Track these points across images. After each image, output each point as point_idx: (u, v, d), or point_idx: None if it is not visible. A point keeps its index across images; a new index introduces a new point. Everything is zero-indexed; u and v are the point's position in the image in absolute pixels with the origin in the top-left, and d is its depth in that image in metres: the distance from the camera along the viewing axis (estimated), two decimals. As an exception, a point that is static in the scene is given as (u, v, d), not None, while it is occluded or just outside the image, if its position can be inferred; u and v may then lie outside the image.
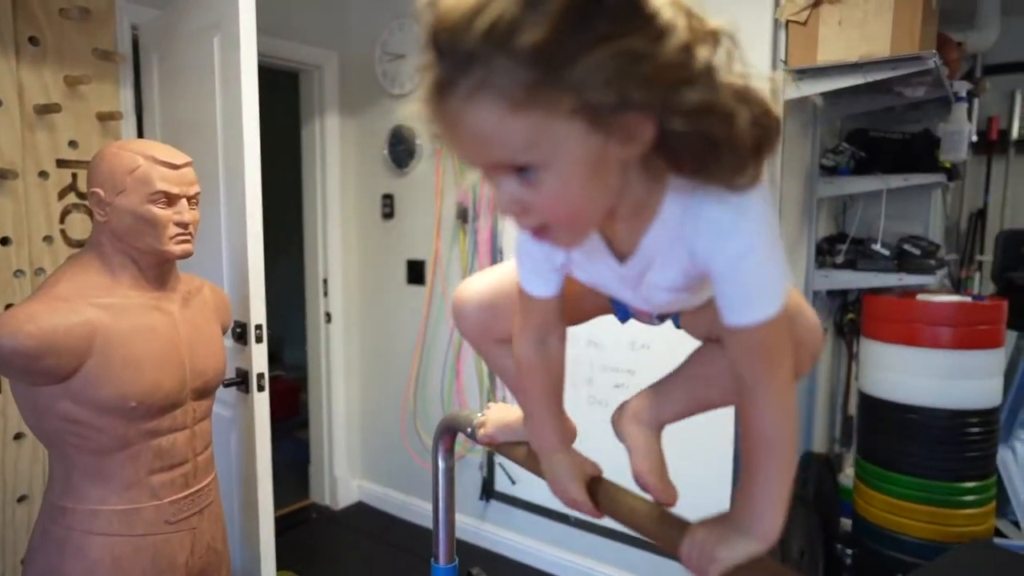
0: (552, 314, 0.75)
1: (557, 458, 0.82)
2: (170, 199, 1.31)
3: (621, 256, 0.65)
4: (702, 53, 0.51)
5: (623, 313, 0.84)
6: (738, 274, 0.58)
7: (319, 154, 3.11)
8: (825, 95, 2.24)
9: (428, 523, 2.58)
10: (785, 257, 0.61)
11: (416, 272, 2.98)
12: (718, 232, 0.57)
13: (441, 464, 1.14)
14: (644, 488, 0.80)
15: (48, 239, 2.15)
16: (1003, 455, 3.05)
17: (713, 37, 0.52)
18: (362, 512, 3.23)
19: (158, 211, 1.29)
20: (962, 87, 2.36)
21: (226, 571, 1.57)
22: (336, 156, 3.13)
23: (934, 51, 1.89)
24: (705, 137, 0.52)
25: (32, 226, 2.11)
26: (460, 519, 2.91)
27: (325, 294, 3.17)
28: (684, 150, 0.54)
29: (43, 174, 2.13)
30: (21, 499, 2.11)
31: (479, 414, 1.05)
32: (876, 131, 2.61)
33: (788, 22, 2.02)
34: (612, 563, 2.56)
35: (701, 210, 0.57)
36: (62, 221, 2.18)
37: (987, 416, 2.42)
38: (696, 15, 0.52)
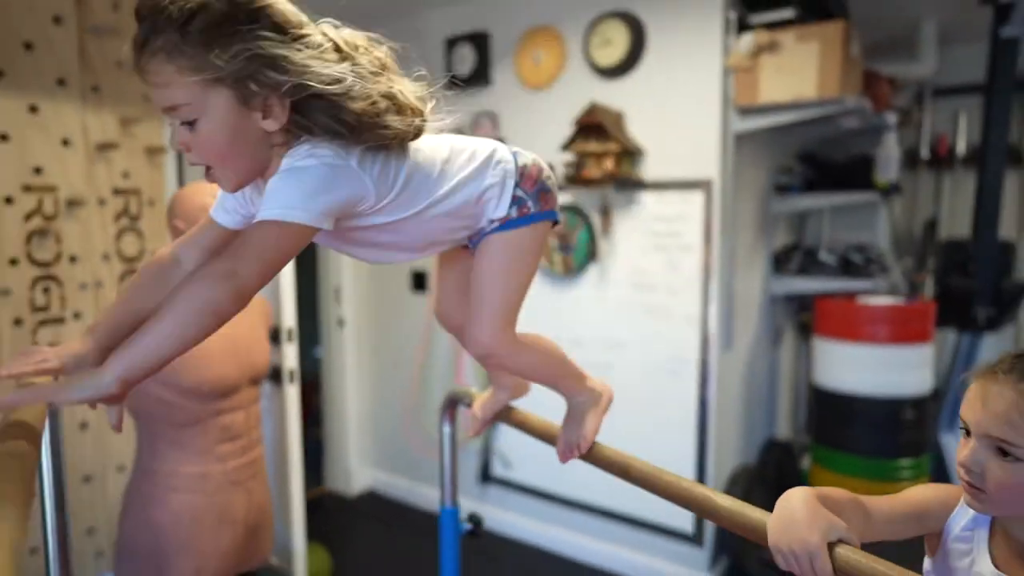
0: (216, 241, 0.97)
1: None
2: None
3: None
4: (335, 59, 0.80)
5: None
6: (268, 191, 0.80)
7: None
8: (778, 126, 2.62)
9: (432, 506, 2.92)
10: (307, 193, 0.78)
11: (419, 281, 3.34)
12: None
13: (446, 429, 1.50)
14: None
15: (106, 257, 2.51)
16: (946, 440, 3.41)
17: (358, 51, 0.84)
18: (373, 498, 3.58)
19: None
20: (892, 117, 2.73)
21: (271, 530, 1.93)
22: (347, 178, 3.49)
23: (857, 93, 2.25)
24: (328, 113, 0.79)
25: (93, 246, 2.47)
26: (460, 501, 3.26)
27: (338, 301, 3.54)
28: (314, 125, 0.80)
29: (102, 201, 2.49)
30: (86, 479, 2.47)
31: (474, 390, 1.40)
32: (823, 155, 2.98)
33: (735, 69, 2.39)
34: (599, 537, 2.90)
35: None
36: (117, 241, 2.54)
37: (919, 402, 2.78)
38: (347, 39, 0.84)
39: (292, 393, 2.28)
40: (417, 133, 0.91)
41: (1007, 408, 0.76)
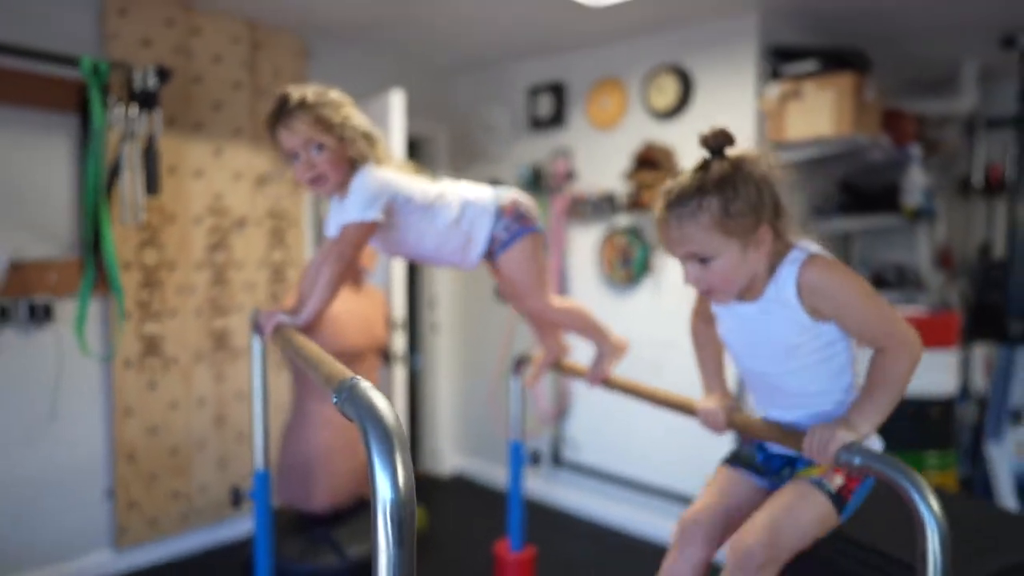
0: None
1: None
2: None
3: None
4: None
5: None
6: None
7: (432, 203, 4.13)
8: (811, 159, 3.05)
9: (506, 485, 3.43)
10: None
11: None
12: None
13: (513, 385, 2.05)
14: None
15: (260, 265, 3.24)
16: (992, 449, 3.63)
17: None
18: (461, 479, 4.16)
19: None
20: (915, 150, 3.10)
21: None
22: (445, 204, 4.15)
23: (873, 131, 2.67)
24: None
25: (252, 255, 3.21)
26: (532, 482, 3.78)
27: (431, 309, 4.18)
28: None
29: (259, 222, 3.23)
30: (238, 436, 3.17)
31: (536, 352, 1.95)
32: (858, 183, 3.37)
33: (766, 111, 2.86)
34: (662, 515, 3.34)
35: None
36: (269, 252, 3.26)
37: (944, 402, 3.09)
38: None
39: (400, 371, 2.90)
40: None
41: (681, 235, 1.12)
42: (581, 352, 1.97)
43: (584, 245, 3.55)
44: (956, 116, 3.72)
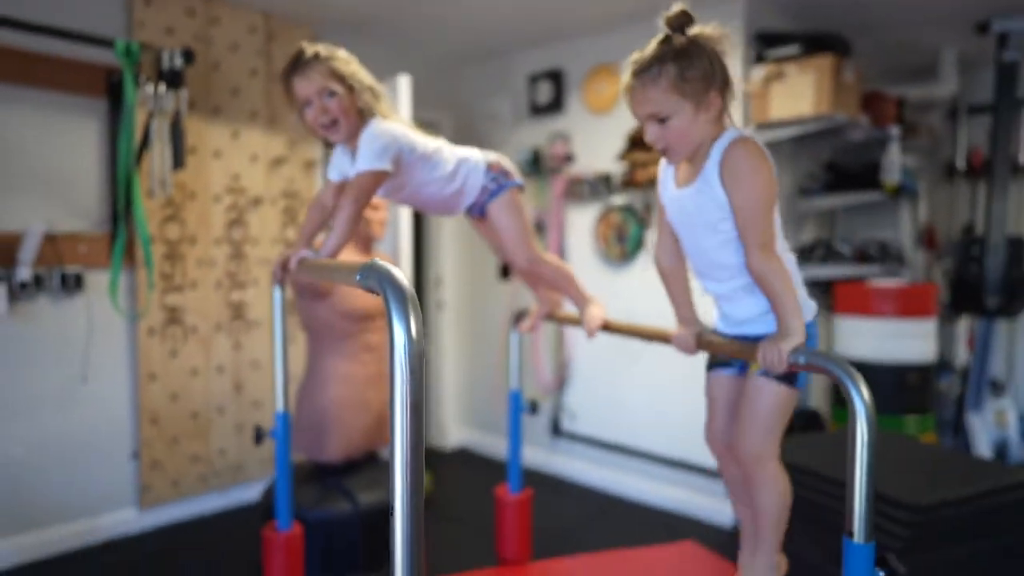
0: (337, 188, 1.71)
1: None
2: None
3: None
4: None
5: None
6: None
7: (437, 187, 4.32)
8: (803, 137, 3.22)
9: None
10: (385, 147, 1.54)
11: (504, 270, 4.11)
12: None
13: (513, 339, 2.22)
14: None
15: (274, 241, 3.42)
16: (972, 419, 3.79)
17: None
18: (464, 451, 4.33)
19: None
20: (895, 130, 3.26)
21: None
22: (449, 189, 4.34)
23: (853, 111, 2.84)
24: None
25: (266, 232, 3.39)
26: (532, 453, 3.96)
27: (438, 288, 4.36)
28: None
29: (274, 201, 3.42)
30: (255, 403, 3.36)
31: (533, 307, 2.13)
32: (843, 162, 3.53)
33: (751, 93, 3.03)
34: (653, 479, 3.52)
35: None
36: (282, 230, 3.45)
37: (922, 367, 3.25)
38: None
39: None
40: None
41: (644, 97, 1.29)
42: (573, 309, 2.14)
43: (582, 224, 3.73)
44: (937, 102, 3.88)
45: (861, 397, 1.11)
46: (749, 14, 3.08)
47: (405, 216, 3.24)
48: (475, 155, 1.76)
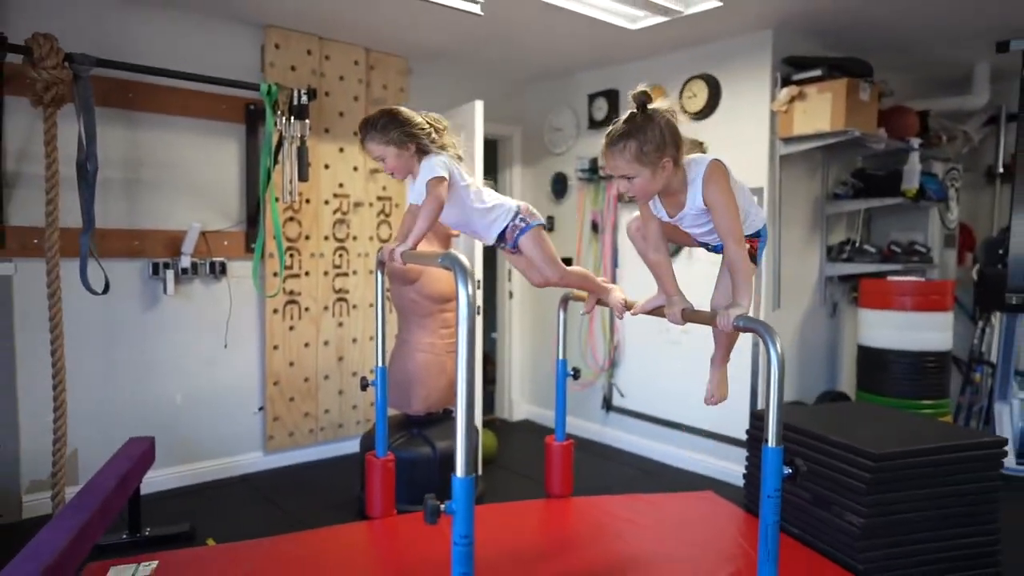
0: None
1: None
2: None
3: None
4: None
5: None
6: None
7: (508, 191, 4.93)
8: (830, 148, 3.64)
9: (572, 430, 4.16)
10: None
11: (567, 264, 4.66)
12: None
13: (560, 316, 2.78)
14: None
15: (371, 238, 4.11)
16: (999, 408, 4.07)
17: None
18: (528, 422, 4.93)
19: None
20: (915, 141, 3.62)
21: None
22: (518, 193, 4.94)
23: (868, 126, 3.26)
24: None
25: (365, 231, 4.09)
26: (587, 426, 4.51)
27: (509, 279, 4.97)
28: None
29: (371, 204, 4.11)
30: (354, 373, 4.06)
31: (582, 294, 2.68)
32: (871, 170, 3.91)
33: (777, 111, 3.48)
34: (688, 447, 4.01)
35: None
36: (377, 229, 4.13)
37: (939, 356, 3.60)
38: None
39: (478, 320, 3.69)
40: None
41: (614, 164, 1.67)
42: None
43: (632, 225, 4.25)
44: (972, 111, 4.18)
45: (775, 350, 1.62)
46: (777, 42, 3.53)
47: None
48: (509, 201, 2.22)
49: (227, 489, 3.56)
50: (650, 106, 1.71)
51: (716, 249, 2.00)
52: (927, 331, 3.61)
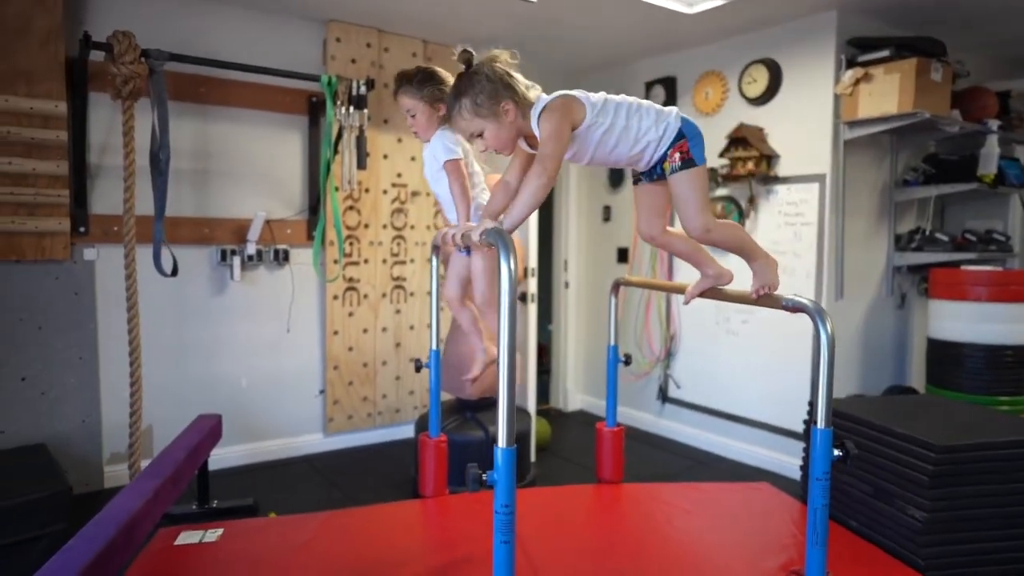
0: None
1: None
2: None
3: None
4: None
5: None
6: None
7: (564, 181, 4.94)
8: (898, 132, 3.50)
9: (627, 421, 4.14)
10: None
11: (623, 255, 4.64)
12: None
13: (612, 301, 2.78)
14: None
15: (428, 227, 4.18)
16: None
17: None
18: (582, 412, 4.93)
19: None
20: (993, 123, 3.43)
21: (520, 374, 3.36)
22: (575, 182, 4.94)
23: (940, 108, 3.11)
24: None
25: (422, 220, 4.16)
26: (642, 417, 4.48)
27: (565, 269, 4.97)
28: None
29: (428, 194, 4.18)
30: (411, 360, 4.14)
31: (634, 277, 2.67)
32: (942, 154, 3.73)
33: (841, 94, 3.36)
34: (743, 439, 3.94)
35: None
36: (434, 218, 4.20)
37: (1017, 350, 3.42)
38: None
39: (532, 309, 3.71)
40: None
41: (460, 124, 1.64)
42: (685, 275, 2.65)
43: (689, 214, 4.18)
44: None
45: (824, 326, 1.58)
46: (841, 23, 3.41)
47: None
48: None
49: (288, 468, 3.70)
50: (475, 63, 1.67)
51: (652, 173, 1.80)
52: (1005, 323, 3.42)
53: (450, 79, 1.99)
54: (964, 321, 3.50)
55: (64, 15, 3.00)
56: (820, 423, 1.59)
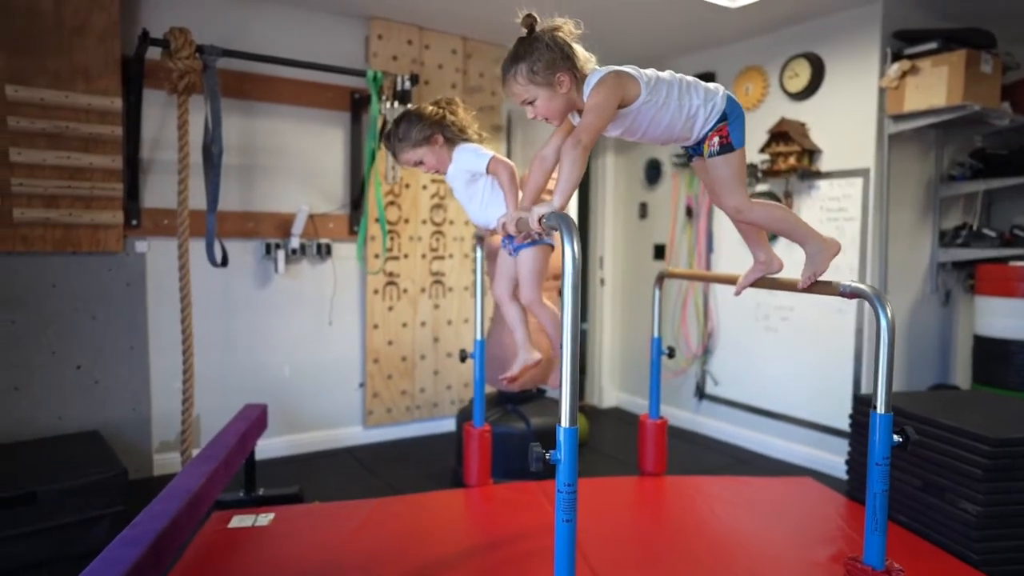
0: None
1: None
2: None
3: None
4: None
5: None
6: None
7: (601, 178, 4.94)
8: (945, 127, 3.46)
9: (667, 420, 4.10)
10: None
11: (659, 251, 4.63)
12: None
13: (656, 294, 2.78)
14: None
15: (465, 223, 4.22)
16: None
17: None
18: (618, 409, 4.92)
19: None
20: (1043, 116, 3.37)
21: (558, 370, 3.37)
22: (611, 179, 4.94)
23: (990, 100, 3.07)
24: None
25: (461, 215, 4.19)
26: (679, 414, 4.46)
27: (601, 267, 4.97)
28: None
29: (466, 190, 4.21)
30: (449, 354, 4.18)
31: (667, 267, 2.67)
32: (990, 149, 3.67)
33: (887, 87, 3.33)
34: (783, 437, 3.91)
35: None
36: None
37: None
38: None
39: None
40: None
41: (511, 90, 1.63)
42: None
43: (728, 209, 4.17)
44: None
45: (884, 311, 1.57)
46: (887, 15, 3.37)
47: (571, 205, 3.89)
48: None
49: (330, 459, 3.75)
50: (538, 28, 1.66)
51: (694, 150, 1.79)
52: (1052, 319, 3.36)
53: (423, 109, 2.05)
54: (1012, 318, 3.44)
55: (120, 13, 3.09)
56: (880, 408, 1.58)
